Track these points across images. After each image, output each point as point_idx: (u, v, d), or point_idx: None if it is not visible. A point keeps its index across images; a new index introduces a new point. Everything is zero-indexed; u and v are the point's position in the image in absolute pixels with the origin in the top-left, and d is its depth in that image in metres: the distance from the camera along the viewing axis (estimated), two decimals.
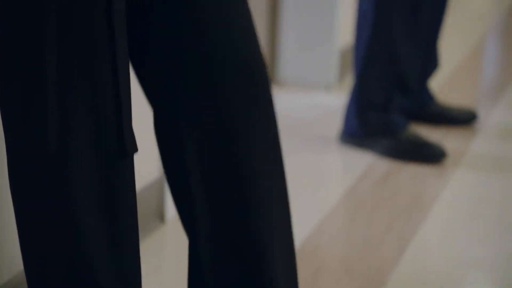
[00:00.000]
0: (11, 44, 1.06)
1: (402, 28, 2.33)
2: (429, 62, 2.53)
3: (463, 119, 2.59)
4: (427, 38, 2.48)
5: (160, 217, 1.89)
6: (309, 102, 2.85)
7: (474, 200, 2.11)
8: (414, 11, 2.34)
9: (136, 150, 1.11)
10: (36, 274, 1.12)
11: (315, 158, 2.35)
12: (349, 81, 2.97)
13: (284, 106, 2.80)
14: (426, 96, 2.57)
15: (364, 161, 2.32)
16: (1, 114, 1.09)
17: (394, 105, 2.39)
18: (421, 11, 2.36)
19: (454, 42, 3.56)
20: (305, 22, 2.95)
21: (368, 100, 2.36)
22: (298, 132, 2.55)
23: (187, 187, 1.21)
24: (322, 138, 2.49)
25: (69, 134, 1.05)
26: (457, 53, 3.45)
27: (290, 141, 2.47)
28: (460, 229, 1.94)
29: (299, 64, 2.99)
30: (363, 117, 2.37)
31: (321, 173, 2.28)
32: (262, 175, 1.20)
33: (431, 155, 2.29)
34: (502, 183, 2.21)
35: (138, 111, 1.35)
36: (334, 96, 2.90)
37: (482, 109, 2.75)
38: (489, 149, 2.43)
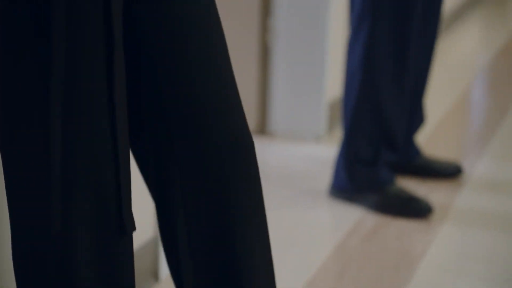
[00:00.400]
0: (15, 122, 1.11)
1: (389, 86, 2.39)
2: (416, 118, 2.59)
3: (449, 172, 2.65)
4: (413, 94, 2.55)
5: (155, 275, 1.93)
6: (299, 153, 2.91)
7: (460, 256, 2.15)
8: (400, 69, 2.40)
9: (134, 228, 1.16)
10: None
11: (305, 212, 2.40)
12: (338, 133, 3.03)
13: (274, 158, 2.86)
14: (412, 151, 2.63)
15: (353, 215, 2.37)
16: (7, 196, 1.14)
17: (381, 160, 2.45)
18: (408, 68, 2.42)
19: (439, 92, 3.63)
20: (295, 75, 3.01)
21: (356, 155, 2.42)
22: (288, 184, 2.60)
23: (175, 240, 1.28)
24: (312, 191, 2.54)
25: (72, 215, 1.11)
26: (443, 104, 3.51)
27: (281, 194, 2.52)
28: (447, 286, 1.99)
29: (289, 115, 3.04)
30: (352, 172, 2.42)
31: (311, 228, 2.32)
32: (248, 239, 1.26)
33: (417, 210, 2.35)
34: (488, 238, 2.26)
35: (132, 170, 1.39)
36: (324, 147, 2.96)
37: (468, 162, 2.81)
38: (475, 203, 2.49)
